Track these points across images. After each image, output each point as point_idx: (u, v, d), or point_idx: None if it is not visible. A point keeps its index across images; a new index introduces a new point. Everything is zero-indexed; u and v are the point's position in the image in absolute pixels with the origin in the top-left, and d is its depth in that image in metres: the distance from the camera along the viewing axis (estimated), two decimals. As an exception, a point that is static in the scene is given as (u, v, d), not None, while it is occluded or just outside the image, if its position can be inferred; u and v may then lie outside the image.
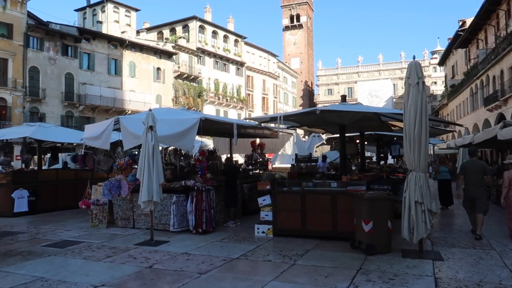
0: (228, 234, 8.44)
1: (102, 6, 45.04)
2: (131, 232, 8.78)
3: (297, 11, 79.06)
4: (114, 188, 9.04)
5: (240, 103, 54.04)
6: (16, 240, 8.14)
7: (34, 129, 12.29)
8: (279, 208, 8.09)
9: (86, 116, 36.89)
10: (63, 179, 13.14)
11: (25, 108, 33.04)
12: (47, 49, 34.74)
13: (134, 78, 41.27)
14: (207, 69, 49.73)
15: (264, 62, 60.94)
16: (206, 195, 8.60)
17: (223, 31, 53.63)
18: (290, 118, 9.55)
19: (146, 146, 7.57)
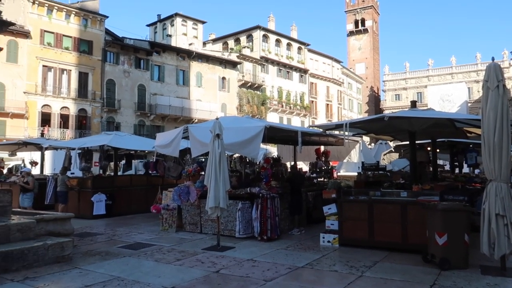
0: (293, 242, 8.40)
1: (171, 20, 47.41)
2: (199, 237, 9.05)
3: (362, 15, 77.34)
4: (183, 194, 9.40)
5: (303, 110, 53.83)
6: (95, 241, 8.74)
7: (111, 137, 13.20)
8: (345, 217, 7.91)
9: (156, 124, 38.88)
10: (136, 185, 13.92)
11: (102, 118, 35.63)
12: (122, 62, 37.26)
13: (201, 87, 42.82)
14: (271, 77, 50.23)
15: (328, 68, 60.23)
16: (271, 203, 8.64)
17: (286, 39, 53.93)
18: (356, 125, 9.33)
19: (213, 154, 7.79)
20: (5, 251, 5.94)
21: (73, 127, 33.79)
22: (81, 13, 34.93)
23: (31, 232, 6.76)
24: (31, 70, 31.95)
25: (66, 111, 33.81)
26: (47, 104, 32.86)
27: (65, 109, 33.77)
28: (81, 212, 12.19)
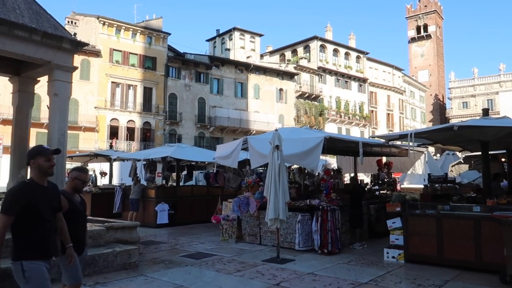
0: (355, 257, 8.12)
1: (230, 34, 48.65)
2: (258, 248, 9.05)
3: (425, 21, 74.34)
4: (243, 205, 9.48)
5: (363, 120, 52.48)
6: (159, 249, 9.04)
7: (174, 149, 13.70)
8: (411, 232, 7.52)
9: (215, 136, 39.83)
10: (197, 195, 14.28)
11: (165, 130, 37.17)
12: (184, 77, 38.76)
13: (258, 99, 43.32)
14: (328, 87, 49.65)
15: (388, 77, 58.39)
16: (331, 215, 8.45)
17: (344, 48, 53.17)
18: (422, 135, 8.89)
19: (273, 165, 7.78)
20: (78, 257, 6.31)
21: (138, 139, 35.58)
22: (146, 31, 36.95)
23: (101, 239, 7.13)
24: (101, 86, 34.24)
25: (132, 124, 35.72)
26: (115, 118, 34.94)
27: (131, 122, 35.69)
28: (146, 221, 12.68)
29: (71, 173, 4.06)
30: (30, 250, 3.21)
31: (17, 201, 3.19)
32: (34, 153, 3.40)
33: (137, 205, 12.49)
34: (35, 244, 3.26)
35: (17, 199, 3.21)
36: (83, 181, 4.02)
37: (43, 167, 3.38)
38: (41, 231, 3.30)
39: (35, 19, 7.18)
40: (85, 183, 4.08)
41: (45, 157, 3.40)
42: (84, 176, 4.03)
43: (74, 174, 4.01)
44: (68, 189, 4.00)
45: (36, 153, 3.40)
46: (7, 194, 3.30)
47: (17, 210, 3.17)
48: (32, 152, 3.43)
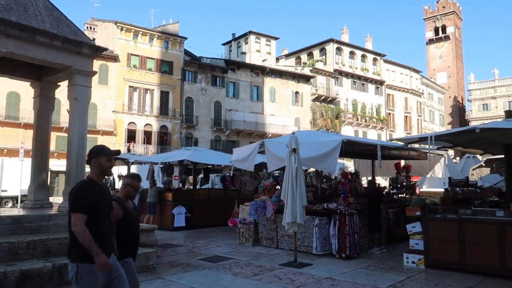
0: (374, 262, 8.00)
1: (245, 38, 48.81)
2: (275, 252, 9.00)
3: (443, 22, 73.26)
4: (260, 209, 9.44)
5: (380, 123, 51.91)
6: (176, 252, 9.08)
7: (191, 152, 13.78)
8: (431, 237, 7.36)
9: (231, 140, 39.92)
10: (213, 198, 14.30)
11: (181, 134, 37.45)
12: (200, 81, 39.02)
13: (274, 102, 43.28)
14: (345, 90, 49.30)
15: (406, 79, 57.66)
16: (349, 219, 8.35)
17: (360, 50, 52.77)
18: (442, 138, 8.72)
19: (290, 168, 7.74)
20: (97, 259, 6.37)
21: (155, 143, 35.92)
22: (162, 36, 37.36)
23: (119, 242, 7.19)
24: (119, 90, 34.72)
25: (149, 127, 36.09)
26: (133, 121, 35.36)
27: (148, 126, 36.06)
28: (163, 224, 12.76)
29: (124, 179, 4.05)
30: (88, 253, 3.15)
31: (84, 199, 3.19)
32: (97, 152, 3.40)
33: (154, 208, 12.58)
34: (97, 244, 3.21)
35: (84, 197, 3.20)
36: (136, 188, 3.96)
37: (104, 167, 3.38)
38: (102, 231, 3.27)
39: (55, 25, 7.32)
40: (137, 189, 4.02)
41: (107, 156, 3.41)
42: (137, 183, 3.97)
43: (126, 181, 3.95)
44: (121, 196, 3.93)
45: (99, 152, 3.40)
46: (73, 194, 3.28)
47: (87, 208, 3.16)
48: (95, 151, 3.43)
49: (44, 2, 7.57)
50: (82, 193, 3.25)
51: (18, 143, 26.02)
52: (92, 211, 3.20)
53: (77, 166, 7.36)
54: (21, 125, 29.87)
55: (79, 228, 3.11)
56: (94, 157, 3.37)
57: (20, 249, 6.00)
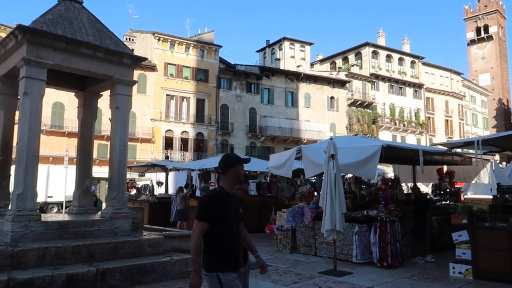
0: (417, 271, 7.69)
1: (280, 44, 48.90)
2: (314, 260, 8.85)
3: (485, 21, 70.43)
4: (298, 215, 9.33)
5: (419, 128, 50.35)
6: (214, 258, 9.10)
7: (227, 159, 13.83)
8: (480, 247, 6.99)
9: (266, 146, 39.94)
10: (249, 205, 14.26)
11: (217, 140, 37.87)
12: (235, 88, 39.39)
13: (309, 108, 42.98)
14: (382, 94, 48.27)
15: (446, 81, 55.73)
16: (390, 227, 8.09)
17: (397, 53, 51.58)
18: (489, 142, 8.31)
19: (328, 175, 7.61)
20: (139, 264, 6.50)
21: (192, 150, 36.50)
22: (198, 45, 38.08)
23: (160, 248, 7.31)
24: (157, 99, 35.62)
25: (186, 135, 36.75)
26: (170, 129, 36.14)
27: (185, 133, 36.73)
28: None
29: None
30: (225, 262, 3.11)
31: (213, 208, 3.13)
32: (234, 161, 3.33)
33: (183, 214, 12.74)
34: (228, 255, 3.16)
35: (213, 207, 3.14)
36: (246, 192, 3.88)
37: (240, 175, 3.32)
38: (233, 240, 3.22)
39: (98, 37, 7.59)
40: (247, 193, 3.97)
41: (242, 165, 3.35)
42: (247, 187, 3.92)
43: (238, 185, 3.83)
44: None
45: (236, 161, 3.34)
46: (202, 202, 3.27)
47: (212, 217, 3.10)
48: (232, 160, 3.36)
49: (87, 15, 7.88)
50: (210, 201, 3.20)
51: (62, 151, 27.18)
52: (222, 221, 3.14)
53: (119, 173, 7.56)
54: (65, 134, 31.23)
55: (196, 237, 3.06)
56: (232, 166, 3.29)
57: (66, 253, 6.21)
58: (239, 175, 3.31)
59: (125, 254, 6.79)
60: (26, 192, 6.46)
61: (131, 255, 6.84)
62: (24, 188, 6.44)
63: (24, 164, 6.49)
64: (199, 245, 3.07)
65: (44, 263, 5.95)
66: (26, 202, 6.43)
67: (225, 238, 3.13)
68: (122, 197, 7.55)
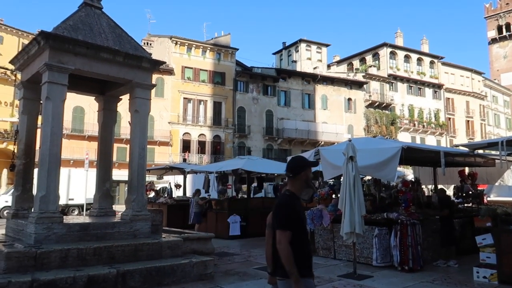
0: (439, 275, 7.53)
1: (296, 46, 48.81)
2: (333, 263, 8.76)
3: (507, 19, 68.83)
4: (316, 218, 9.25)
5: (439, 129, 49.48)
6: (232, 261, 9.11)
7: (245, 161, 13.88)
8: (505, 250, 6.79)
9: (283, 148, 39.84)
10: (267, 207, 14.22)
11: (234, 143, 37.97)
12: (251, 90, 39.46)
13: (326, 110, 42.73)
14: (400, 95, 47.63)
15: (467, 81, 54.63)
16: (411, 230, 7.94)
17: (416, 54, 50.86)
18: (513, 143, 8.09)
19: (347, 177, 7.52)
20: (158, 266, 6.55)
21: (209, 152, 36.69)
22: (215, 48, 38.32)
23: (178, 250, 7.35)
24: (174, 102, 35.97)
25: (203, 137, 36.97)
26: (187, 132, 36.42)
27: (202, 136, 36.96)
28: (218, 232, 12.89)
29: None
30: (304, 267, 3.01)
31: (293, 216, 3.04)
32: (304, 164, 3.24)
33: (198, 217, 12.81)
34: (306, 260, 3.07)
35: (292, 214, 3.04)
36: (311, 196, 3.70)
37: (310, 179, 3.25)
38: (307, 248, 3.14)
39: (118, 42, 7.70)
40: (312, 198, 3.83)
41: (310, 168, 3.28)
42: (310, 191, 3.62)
43: None
44: None
45: (306, 164, 3.25)
46: (282, 210, 3.08)
47: (293, 225, 3.00)
48: (302, 163, 3.26)
49: (107, 20, 8.01)
50: (290, 209, 3.06)
51: (83, 154, 27.69)
52: (299, 227, 3.07)
53: (138, 176, 7.63)
54: (86, 137, 31.80)
55: (285, 247, 2.92)
56: (304, 170, 3.19)
57: (87, 255, 6.30)
58: (308, 179, 3.21)
59: (144, 256, 6.84)
60: (48, 194, 6.58)
61: (151, 257, 6.90)
62: (46, 191, 6.57)
63: (47, 167, 6.61)
64: (291, 255, 2.91)
65: (66, 265, 6.05)
66: (48, 204, 6.55)
67: (302, 243, 3.05)
68: (141, 199, 7.62)
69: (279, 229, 2.97)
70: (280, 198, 3.20)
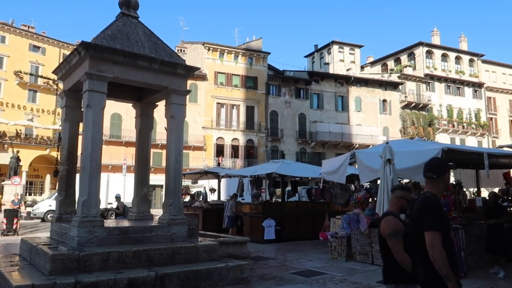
0: (485, 283, 7.19)
1: (328, 48, 48.35)
2: (371, 268, 8.55)
3: (551, 13, 65.33)
4: (353, 222, 9.08)
5: (480, 129, 47.54)
6: (268, 265, 9.08)
7: (279, 165, 13.84)
8: (558, 257, 6.40)
9: (317, 151, 39.49)
10: (302, 211, 14.14)
11: (267, 147, 38.00)
12: (284, 94, 39.41)
13: (360, 112, 42.04)
14: (438, 95, 46.17)
15: (510, 79, 52.17)
16: (454, 235, 7.63)
17: (454, 52, 49.19)
18: None
19: (385, 180, 7.35)
20: (195, 270, 6.61)
21: (242, 157, 36.89)
22: (247, 53, 38.59)
23: (215, 254, 7.39)
24: (208, 107, 36.47)
25: (236, 142, 37.24)
26: (221, 136, 36.80)
27: (235, 140, 37.23)
28: (253, 237, 12.91)
29: (395, 192, 3.65)
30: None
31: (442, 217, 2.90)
32: (447, 166, 3.13)
33: (232, 221, 12.85)
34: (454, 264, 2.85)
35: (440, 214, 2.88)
36: (409, 201, 3.51)
37: (448, 181, 3.18)
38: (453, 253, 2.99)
39: (153, 49, 7.88)
40: (410, 202, 3.55)
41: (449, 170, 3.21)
42: (410, 195, 3.63)
43: (400, 193, 3.56)
44: (395, 210, 3.52)
45: (448, 165, 3.18)
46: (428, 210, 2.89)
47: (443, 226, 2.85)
48: (445, 164, 3.14)
49: (143, 29, 8.22)
50: (438, 209, 2.90)
51: (121, 159, 28.55)
52: (446, 229, 2.92)
53: (175, 180, 7.76)
54: (123, 143, 32.76)
55: (438, 249, 2.72)
56: (447, 171, 3.09)
57: (127, 258, 6.45)
58: (447, 180, 3.12)
59: (182, 260, 6.94)
60: (90, 199, 6.80)
61: (188, 260, 6.98)
62: (88, 196, 6.79)
63: (88, 172, 6.84)
64: (446, 257, 2.73)
65: (107, 267, 6.21)
66: (90, 208, 6.77)
67: (449, 246, 2.88)
68: (178, 203, 7.74)
69: (430, 230, 2.78)
70: (424, 200, 2.99)
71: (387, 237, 3.34)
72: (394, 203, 3.60)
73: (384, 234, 3.38)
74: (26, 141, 36.19)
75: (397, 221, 3.34)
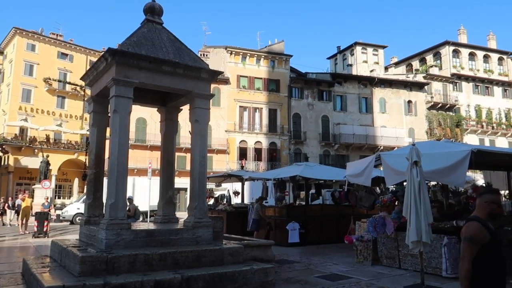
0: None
1: (351, 50, 47.88)
2: (398, 273, 8.39)
3: None
4: (379, 225, 8.93)
5: (511, 130, 46.00)
6: (293, 269, 9.03)
7: (302, 168, 13.76)
8: None
9: (341, 154, 39.09)
10: (326, 214, 14.01)
11: (290, 150, 37.89)
12: (306, 96, 39.25)
13: (385, 113, 41.40)
14: (465, 95, 45.00)
15: (541, 78, 50.39)
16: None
17: (482, 51, 47.87)
18: None
19: (412, 183, 7.18)
20: (220, 273, 6.63)
21: (265, 160, 36.90)
22: (269, 56, 38.64)
23: (239, 257, 7.40)
24: (230, 111, 36.68)
25: (259, 145, 37.28)
26: (244, 139, 36.93)
27: (258, 143, 37.28)
28: (277, 240, 12.86)
29: (483, 196, 3.33)
30: None
31: None
32: None
33: (256, 224, 12.81)
34: None
35: None
36: (500, 205, 3.27)
37: None
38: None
39: (177, 55, 7.99)
40: (501, 206, 3.36)
41: None
42: (499, 198, 3.41)
43: (489, 197, 3.23)
44: (483, 215, 3.19)
45: None
46: None
47: None
48: None
49: (167, 34, 8.35)
50: None
51: (146, 163, 28.99)
52: None
53: (199, 183, 7.82)
54: (148, 147, 33.31)
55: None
56: None
57: (153, 260, 6.54)
58: None
59: (207, 262, 6.97)
60: (117, 202, 6.93)
61: (213, 263, 7.01)
62: (115, 199, 6.92)
63: (115, 176, 6.98)
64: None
65: (134, 269, 6.31)
66: (117, 211, 6.90)
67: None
68: (203, 206, 7.79)
69: None
70: None
71: (462, 240, 3.11)
72: (482, 208, 3.24)
73: (462, 235, 3.13)
74: (55, 146, 37.34)
75: (481, 229, 3.03)
